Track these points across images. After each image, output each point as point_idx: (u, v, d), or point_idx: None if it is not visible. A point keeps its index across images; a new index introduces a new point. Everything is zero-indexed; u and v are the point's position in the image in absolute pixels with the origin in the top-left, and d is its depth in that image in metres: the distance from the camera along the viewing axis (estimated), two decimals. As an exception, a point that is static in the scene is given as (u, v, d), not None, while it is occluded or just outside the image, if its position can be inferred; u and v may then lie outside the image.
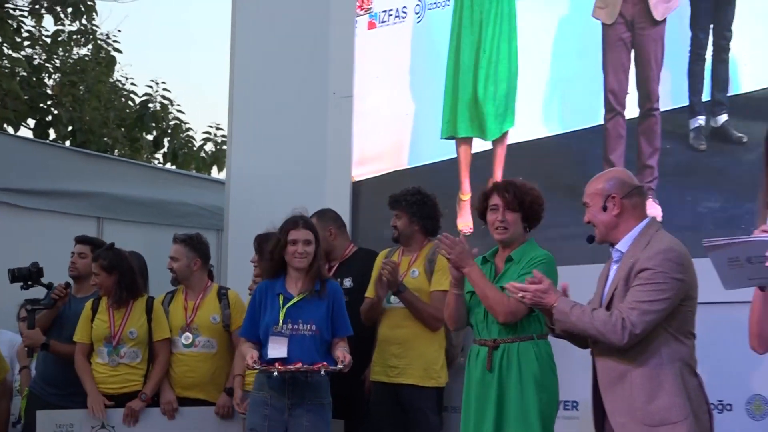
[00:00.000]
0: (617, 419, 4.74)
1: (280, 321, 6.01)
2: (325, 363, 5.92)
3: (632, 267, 4.69)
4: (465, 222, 7.39)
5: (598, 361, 4.86)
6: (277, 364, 5.85)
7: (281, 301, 6.06)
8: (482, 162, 7.38)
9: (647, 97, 6.68)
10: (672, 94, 6.51)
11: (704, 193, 6.31)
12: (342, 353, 5.89)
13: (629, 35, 6.76)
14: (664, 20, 6.63)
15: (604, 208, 4.85)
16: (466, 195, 7.41)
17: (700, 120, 6.45)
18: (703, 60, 6.47)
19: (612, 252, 4.90)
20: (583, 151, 6.88)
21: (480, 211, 5.79)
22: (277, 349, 5.90)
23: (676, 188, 6.45)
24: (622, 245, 4.82)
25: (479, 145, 7.40)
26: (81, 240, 7.59)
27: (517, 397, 5.42)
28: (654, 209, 6.46)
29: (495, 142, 7.37)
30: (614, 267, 4.88)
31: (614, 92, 6.80)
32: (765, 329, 3.80)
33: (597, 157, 6.74)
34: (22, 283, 7.32)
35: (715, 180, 6.29)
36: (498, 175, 7.23)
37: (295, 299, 6.06)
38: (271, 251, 6.16)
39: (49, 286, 7.31)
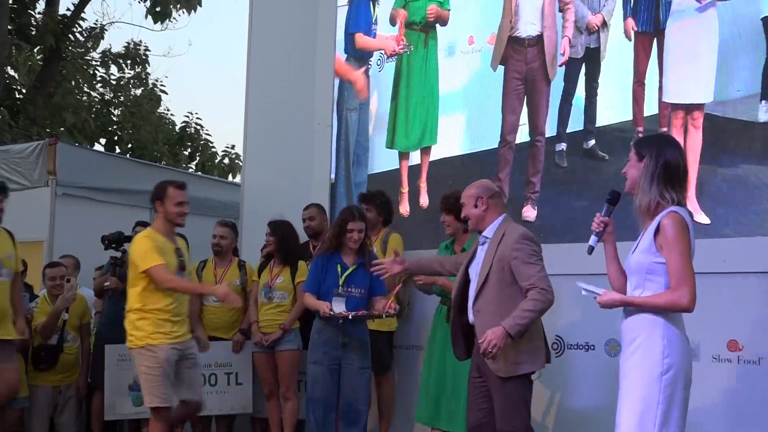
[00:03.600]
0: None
1: (341, 285, 5.90)
2: (376, 311, 5.85)
3: (503, 256, 4.71)
4: (404, 208, 7.35)
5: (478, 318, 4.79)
6: (343, 312, 5.73)
7: (339, 270, 5.93)
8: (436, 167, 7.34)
9: (535, 130, 6.62)
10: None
11: (577, 194, 6.29)
12: (389, 304, 5.75)
13: (522, 88, 6.71)
14: (549, 78, 6.59)
15: (476, 206, 4.92)
16: (404, 188, 7.38)
17: (563, 146, 6.45)
18: (570, 104, 6.47)
19: (480, 238, 4.94)
20: (484, 166, 6.82)
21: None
22: (339, 306, 5.78)
23: (557, 192, 6.41)
24: (488, 232, 4.88)
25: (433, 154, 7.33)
26: (141, 224, 7.52)
27: None
28: (531, 213, 6.54)
29: (422, 154, 7.33)
30: (481, 248, 4.91)
31: (507, 128, 6.75)
32: (615, 281, 3.99)
33: (495, 171, 6.73)
34: (114, 245, 7.21)
35: (585, 186, 6.26)
36: (423, 178, 7.29)
37: (350, 269, 5.92)
38: (334, 235, 6.01)
39: (124, 251, 7.24)
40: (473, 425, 4.86)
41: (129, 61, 18.44)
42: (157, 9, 17.25)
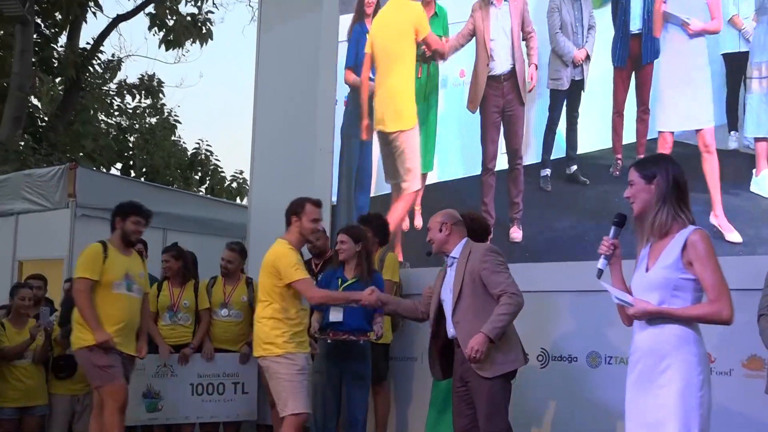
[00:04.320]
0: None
1: None
2: (363, 336, 5.80)
3: (473, 270, 4.87)
4: (405, 224, 7.36)
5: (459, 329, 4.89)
6: (331, 333, 5.68)
7: (340, 282, 5.89)
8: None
9: (514, 155, 6.67)
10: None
11: (560, 216, 6.31)
12: (378, 328, 5.70)
13: (500, 119, 6.76)
14: (523, 105, 6.65)
15: (440, 230, 5.05)
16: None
17: (547, 171, 6.48)
18: (554, 132, 6.48)
19: (447, 259, 5.06)
20: (474, 191, 6.85)
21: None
22: (336, 315, 5.73)
23: (542, 214, 6.43)
24: (455, 253, 5.02)
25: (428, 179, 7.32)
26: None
27: None
28: (517, 234, 6.55)
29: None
30: (450, 269, 5.03)
31: (488, 157, 6.80)
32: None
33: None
34: None
35: (567, 208, 6.28)
36: (419, 201, 7.28)
37: (349, 281, 5.87)
38: (335, 250, 6.01)
39: None
40: (460, 430, 4.93)
41: (143, 91, 18.55)
42: (170, 38, 17.35)
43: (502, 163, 6.75)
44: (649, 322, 3.51)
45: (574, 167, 6.34)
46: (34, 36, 16.01)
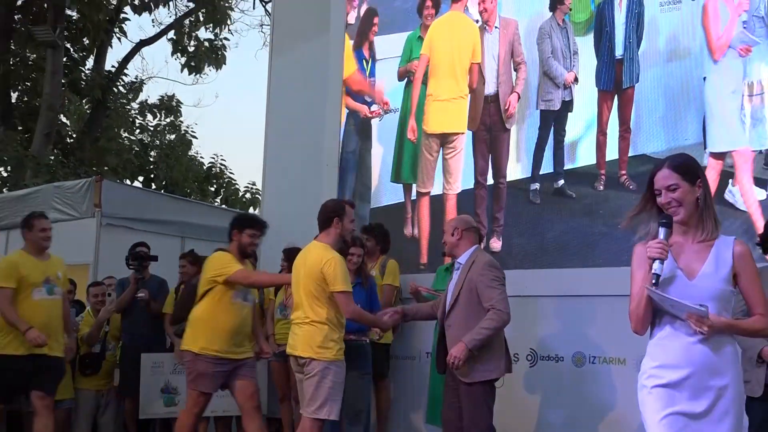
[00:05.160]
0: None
1: None
2: (362, 336, 5.80)
3: (471, 279, 4.85)
4: (407, 230, 7.30)
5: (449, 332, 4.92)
6: None
7: None
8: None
9: (498, 173, 6.72)
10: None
11: (549, 225, 6.33)
12: (376, 330, 5.60)
13: (488, 136, 6.79)
14: (507, 128, 6.68)
15: (453, 234, 5.04)
16: (408, 214, 7.32)
17: (536, 185, 6.49)
18: (543, 150, 6.50)
19: (455, 264, 5.06)
20: (468, 202, 6.86)
21: None
22: None
23: (531, 224, 6.45)
24: (461, 259, 5.00)
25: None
26: (140, 244, 7.46)
27: None
28: (496, 243, 6.60)
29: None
30: (455, 273, 5.03)
31: (479, 172, 6.83)
32: (647, 318, 3.11)
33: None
34: (135, 262, 7.11)
35: (555, 218, 6.30)
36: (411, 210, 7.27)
37: None
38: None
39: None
40: (446, 420, 4.99)
41: (163, 111, 18.60)
42: (192, 64, 17.47)
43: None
44: (703, 335, 3.00)
45: (561, 182, 6.36)
46: (64, 59, 16.13)
